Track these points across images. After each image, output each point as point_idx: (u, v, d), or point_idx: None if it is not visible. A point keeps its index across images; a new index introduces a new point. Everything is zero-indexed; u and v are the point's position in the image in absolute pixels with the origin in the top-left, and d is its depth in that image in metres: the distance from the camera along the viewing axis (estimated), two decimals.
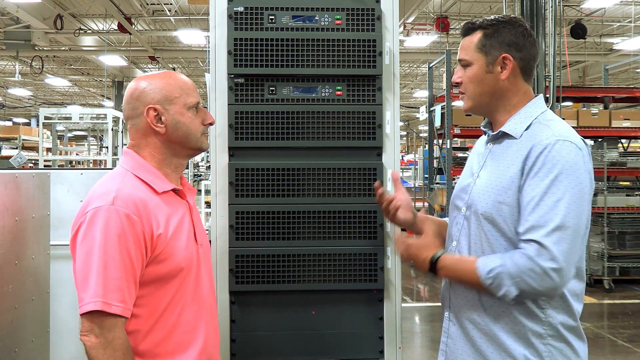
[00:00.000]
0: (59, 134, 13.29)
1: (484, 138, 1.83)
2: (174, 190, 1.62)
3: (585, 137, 4.61)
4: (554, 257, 1.46)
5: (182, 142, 1.62)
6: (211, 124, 1.68)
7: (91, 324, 1.41)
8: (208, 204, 10.42)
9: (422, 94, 21.86)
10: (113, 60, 16.40)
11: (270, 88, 2.07)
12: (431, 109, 8.72)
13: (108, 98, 20.83)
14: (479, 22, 1.70)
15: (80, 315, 1.43)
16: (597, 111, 8.08)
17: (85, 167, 12.26)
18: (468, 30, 1.71)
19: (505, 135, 1.68)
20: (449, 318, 1.73)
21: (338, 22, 2.07)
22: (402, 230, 1.99)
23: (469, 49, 1.69)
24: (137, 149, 1.62)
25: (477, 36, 1.68)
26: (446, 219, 1.96)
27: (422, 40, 13.63)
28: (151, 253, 1.50)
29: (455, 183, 1.91)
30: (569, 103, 10.06)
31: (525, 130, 1.64)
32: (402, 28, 12.00)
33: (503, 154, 1.66)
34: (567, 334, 1.59)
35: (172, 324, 1.54)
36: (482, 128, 1.80)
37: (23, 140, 12.67)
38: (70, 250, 1.52)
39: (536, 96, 1.72)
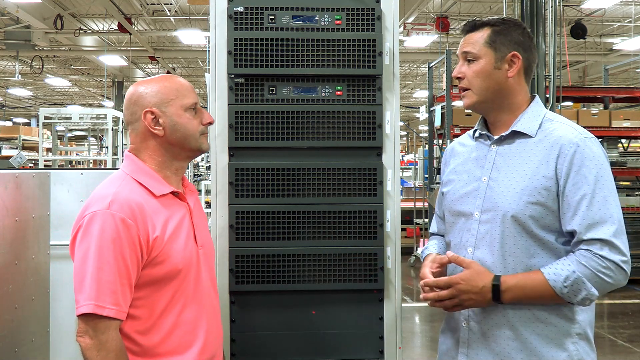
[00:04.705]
0: (59, 134, 13.28)
1: (469, 141, 1.80)
2: (173, 192, 1.63)
3: None
4: (621, 251, 1.50)
5: (181, 144, 1.63)
6: (210, 123, 1.69)
7: (86, 325, 1.44)
8: (208, 204, 10.41)
9: (422, 94, 21.86)
10: (113, 60, 16.40)
11: (270, 88, 2.07)
12: (431, 109, 8.72)
13: (108, 98, 20.82)
14: (485, 20, 1.69)
15: (77, 316, 1.45)
16: (597, 111, 8.08)
17: (85, 167, 12.26)
18: (474, 27, 1.69)
19: (517, 135, 1.65)
20: (468, 328, 1.65)
21: (338, 22, 2.07)
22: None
23: (477, 43, 1.66)
24: (137, 153, 1.64)
25: (485, 32, 1.67)
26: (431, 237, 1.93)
27: (422, 40, 13.61)
28: (147, 256, 1.51)
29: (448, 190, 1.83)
30: (569, 103, 10.07)
31: (538, 129, 1.63)
32: (402, 28, 12.00)
33: (519, 154, 1.63)
34: (588, 331, 1.61)
35: (171, 325, 1.55)
36: (479, 131, 1.75)
37: (23, 140, 12.68)
38: (70, 253, 1.54)
39: (533, 95, 1.72)
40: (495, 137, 1.69)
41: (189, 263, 1.59)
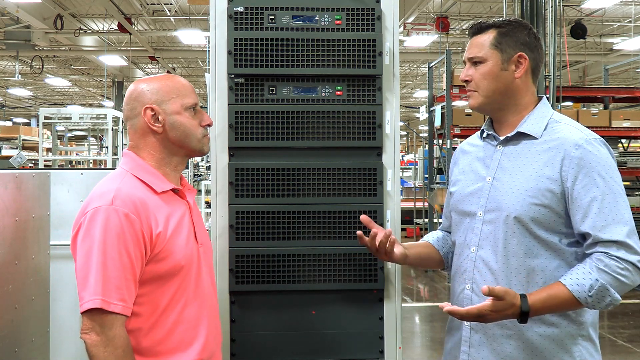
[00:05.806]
0: (59, 134, 13.29)
1: (477, 141, 1.80)
2: (173, 190, 1.64)
3: None
4: (636, 251, 1.50)
5: (180, 142, 1.64)
6: (209, 125, 1.69)
7: (92, 322, 1.43)
8: (208, 204, 10.41)
9: (422, 94, 21.86)
10: (113, 60, 16.40)
11: (270, 88, 2.07)
12: (431, 109, 8.73)
13: (108, 98, 20.82)
14: (491, 22, 1.70)
15: (81, 313, 1.44)
16: (597, 111, 8.09)
17: (85, 167, 12.25)
18: (480, 29, 1.70)
19: (522, 136, 1.66)
20: (470, 327, 1.66)
21: (338, 22, 2.07)
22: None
23: (483, 46, 1.68)
24: (136, 150, 1.65)
25: (491, 34, 1.68)
26: (429, 237, 1.94)
27: (422, 40, 13.62)
28: (150, 252, 1.52)
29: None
30: (569, 103, 10.06)
31: (544, 130, 1.63)
32: (402, 28, 12.00)
33: (524, 155, 1.63)
34: (592, 332, 1.61)
35: (173, 322, 1.56)
36: (487, 131, 1.75)
37: (23, 140, 12.68)
38: (71, 251, 1.53)
39: (541, 96, 1.72)
40: (501, 138, 1.70)
41: (191, 260, 1.60)
